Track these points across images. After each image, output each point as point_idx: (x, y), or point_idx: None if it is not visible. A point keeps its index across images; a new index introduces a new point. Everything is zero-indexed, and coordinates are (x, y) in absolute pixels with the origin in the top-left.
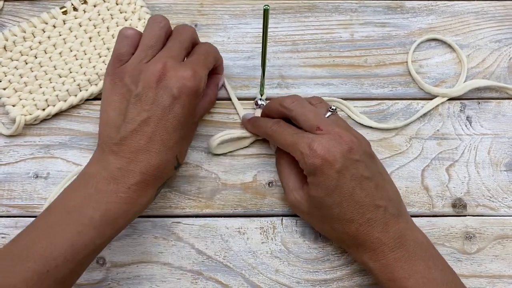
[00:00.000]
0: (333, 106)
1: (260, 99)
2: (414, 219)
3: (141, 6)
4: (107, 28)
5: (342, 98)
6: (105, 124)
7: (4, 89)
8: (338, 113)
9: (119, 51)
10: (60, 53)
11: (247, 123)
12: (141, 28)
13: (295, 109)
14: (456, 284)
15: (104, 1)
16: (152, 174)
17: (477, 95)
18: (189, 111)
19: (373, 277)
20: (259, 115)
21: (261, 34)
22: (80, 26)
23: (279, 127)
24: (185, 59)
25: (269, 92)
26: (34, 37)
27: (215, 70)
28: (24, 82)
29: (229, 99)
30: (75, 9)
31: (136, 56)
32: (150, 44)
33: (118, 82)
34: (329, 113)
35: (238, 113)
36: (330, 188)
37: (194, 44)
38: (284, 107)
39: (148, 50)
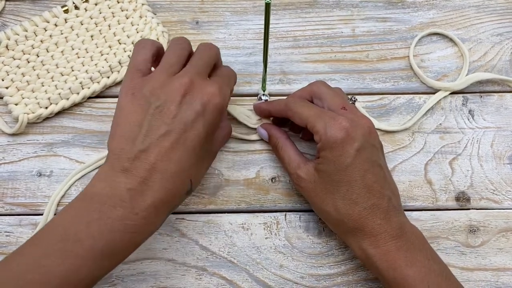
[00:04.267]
0: (354, 97)
1: (264, 94)
2: (417, 213)
3: (142, 4)
4: (109, 26)
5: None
6: (118, 136)
7: (7, 88)
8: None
9: (137, 60)
10: (62, 51)
11: (260, 105)
12: (142, 26)
13: (322, 88)
14: (452, 278)
15: None
16: (164, 198)
17: (479, 89)
18: (211, 129)
19: (369, 266)
20: None
21: (263, 29)
22: (82, 24)
23: (301, 101)
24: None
25: (270, 88)
26: (36, 36)
27: None
28: (27, 81)
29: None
30: (76, 7)
31: (158, 71)
32: (172, 62)
33: (137, 94)
34: (349, 102)
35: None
36: (343, 164)
37: (216, 64)
38: (312, 84)
39: (169, 67)
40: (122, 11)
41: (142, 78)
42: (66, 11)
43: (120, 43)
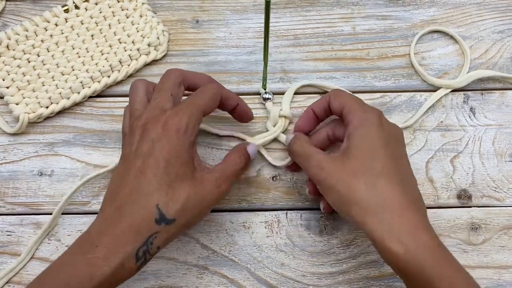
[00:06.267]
0: None
1: (266, 92)
2: None
3: (143, 3)
4: (109, 25)
5: None
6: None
7: (8, 87)
8: None
9: (123, 126)
10: (62, 51)
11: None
12: (142, 26)
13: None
14: None
15: None
16: (125, 227)
17: (481, 86)
18: (171, 152)
19: (406, 262)
20: (270, 108)
21: (263, 28)
22: (82, 24)
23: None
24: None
25: (271, 86)
26: (37, 35)
27: (237, 112)
28: (27, 80)
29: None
30: (76, 7)
31: (129, 123)
32: (134, 108)
33: (122, 153)
34: None
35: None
36: (383, 139)
37: (188, 84)
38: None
39: (134, 112)
40: (122, 10)
41: (123, 136)
42: (66, 11)
43: (120, 42)
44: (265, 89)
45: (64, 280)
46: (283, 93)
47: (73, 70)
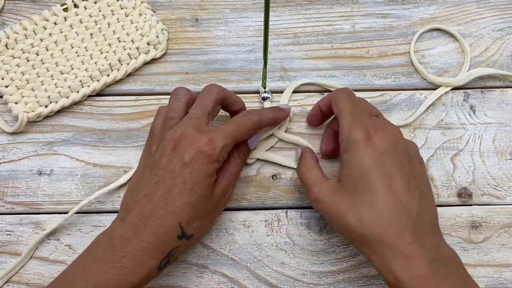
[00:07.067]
0: None
1: (265, 91)
2: None
3: (142, 2)
4: (108, 24)
5: None
6: (127, 190)
7: (7, 86)
8: None
9: (153, 125)
10: (61, 50)
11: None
12: (142, 24)
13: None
14: None
15: None
16: (151, 241)
17: (481, 84)
18: (199, 176)
19: None
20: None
21: (262, 26)
22: (81, 22)
23: (347, 93)
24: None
25: (271, 85)
26: (36, 34)
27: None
28: (26, 79)
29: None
30: (76, 6)
31: (160, 126)
32: (170, 115)
33: (146, 151)
34: None
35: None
36: (366, 167)
37: (223, 103)
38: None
39: (169, 121)
40: (121, 9)
41: (150, 138)
42: (65, 10)
43: (119, 41)
44: (264, 88)
45: (97, 283)
46: (282, 92)
47: (72, 69)
